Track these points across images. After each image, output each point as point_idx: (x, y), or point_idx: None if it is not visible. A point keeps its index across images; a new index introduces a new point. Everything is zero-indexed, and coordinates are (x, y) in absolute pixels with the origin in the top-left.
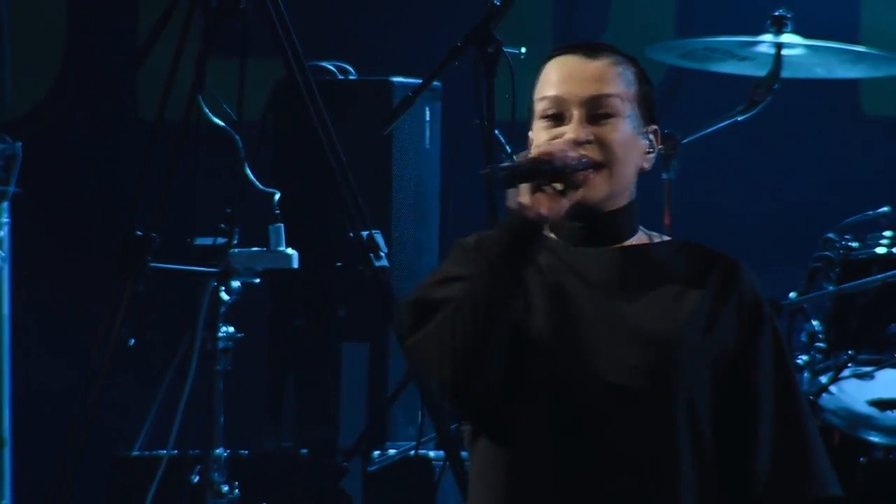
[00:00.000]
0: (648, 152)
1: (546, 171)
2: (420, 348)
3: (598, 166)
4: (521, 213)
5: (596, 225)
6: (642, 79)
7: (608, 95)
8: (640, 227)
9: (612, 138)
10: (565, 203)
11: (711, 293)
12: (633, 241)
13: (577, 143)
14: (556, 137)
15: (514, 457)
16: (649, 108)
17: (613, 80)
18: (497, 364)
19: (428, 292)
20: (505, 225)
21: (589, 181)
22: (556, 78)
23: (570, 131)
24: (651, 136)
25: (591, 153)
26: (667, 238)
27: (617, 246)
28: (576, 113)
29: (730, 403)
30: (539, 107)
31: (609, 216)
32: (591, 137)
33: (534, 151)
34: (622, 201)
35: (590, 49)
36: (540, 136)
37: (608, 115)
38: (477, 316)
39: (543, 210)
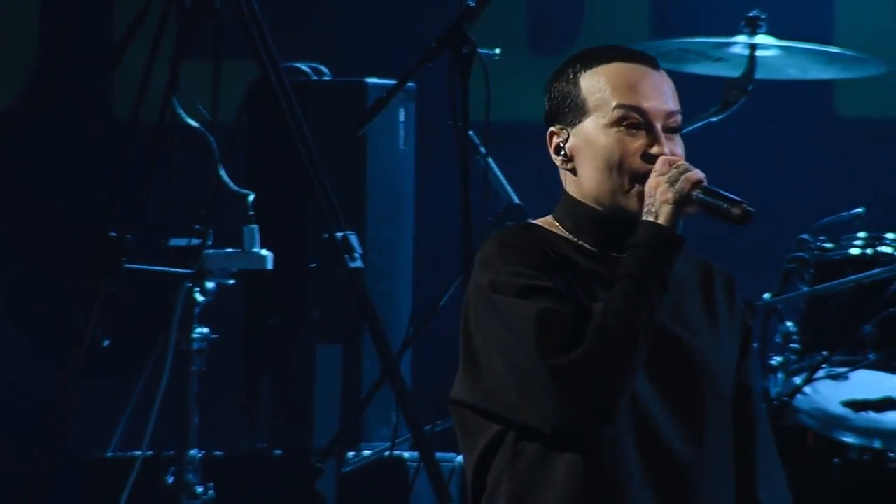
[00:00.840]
0: None
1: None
2: (578, 369)
3: None
4: (664, 231)
5: (621, 237)
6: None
7: (678, 112)
8: None
9: (680, 153)
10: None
11: (724, 309)
12: None
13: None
14: (643, 149)
15: (591, 474)
16: None
17: (675, 93)
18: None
19: (534, 303)
20: (649, 244)
21: None
22: (637, 88)
23: (662, 148)
24: None
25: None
26: None
27: None
28: (658, 127)
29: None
30: (616, 114)
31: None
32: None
33: (664, 170)
34: None
35: (651, 60)
36: (621, 146)
37: (676, 131)
38: (636, 334)
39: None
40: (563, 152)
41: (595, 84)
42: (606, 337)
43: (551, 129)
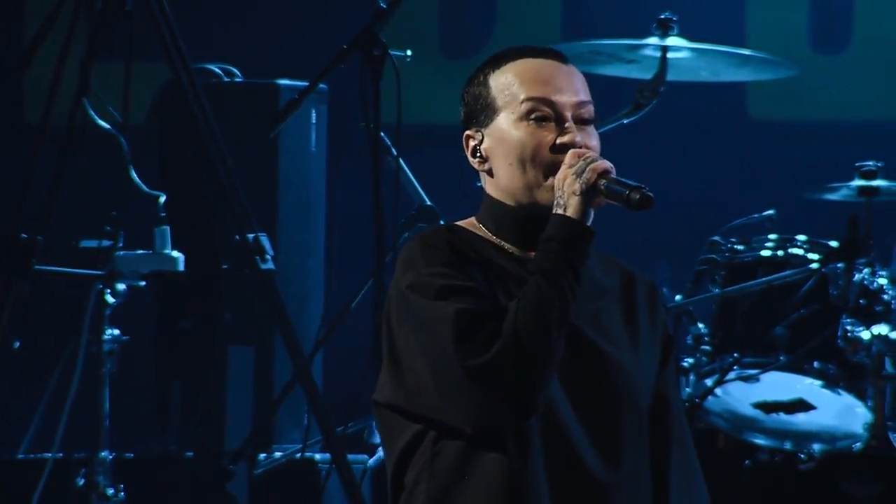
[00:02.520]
0: None
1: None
2: (495, 367)
3: None
4: (573, 223)
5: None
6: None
7: (589, 102)
8: None
9: (594, 144)
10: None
11: (645, 320)
12: None
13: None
14: (553, 141)
15: (512, 475)
16: None
17: (586, 85)
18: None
19: (451, 304)
20: (559, 237)
21: None
22: (544, 81)
23: (572, 138)
24: None
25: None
26: None
27: None
28: (569, 118)
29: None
30: (524, 107)
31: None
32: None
33: (573, 162)
34: None
35: (559, 54)
36: (532, 139)
37: (589, 122)
38: (549, 328)
39: (587, 221)
40: (478, 154)
41: (504, 81)
42: (521, 334)
43: (466, 132)
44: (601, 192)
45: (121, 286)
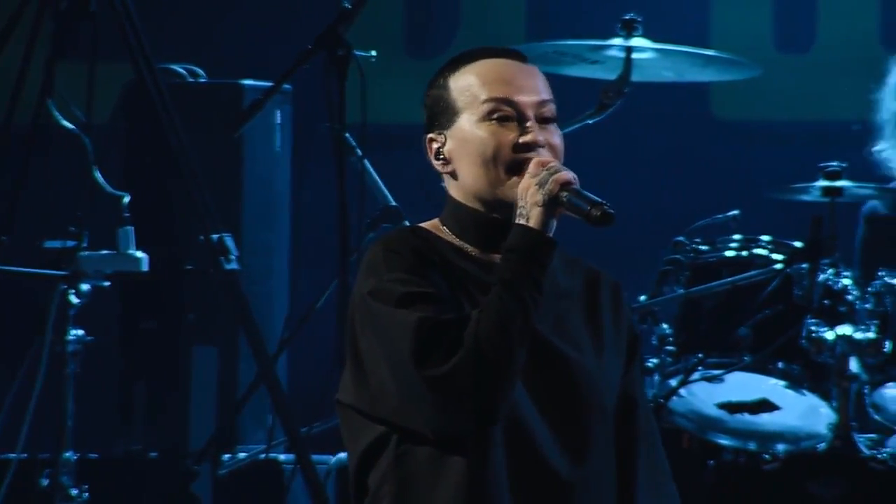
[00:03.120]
0: None
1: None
2: (455, 378)
3: None
4: (535, 234)
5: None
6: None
7: (551, 101)
8: None
9: (556, 143)
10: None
11: (609, 321)
12: None
13: (542, 147)
14: (515, 141)
15: (474, 475)
16: None
17: (547, 84)
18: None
19: (412, 313)
20: (520, 247)
21: None
22: (505, 81)
23: (534, 137)
24: None
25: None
26: None
27: None
28: (531, 117)
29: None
30: (485, 108)
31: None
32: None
33: (563, 175)
34: None
35: (519, 54)
36: (494, 139)
37: (550, 121)
38: (510, 339)
39: (549, 231)
40: (441, 156)
41: (464, 83)
42: (482, 345)
43: (429, 135)
44: (562, 205)
45: (85, 286)
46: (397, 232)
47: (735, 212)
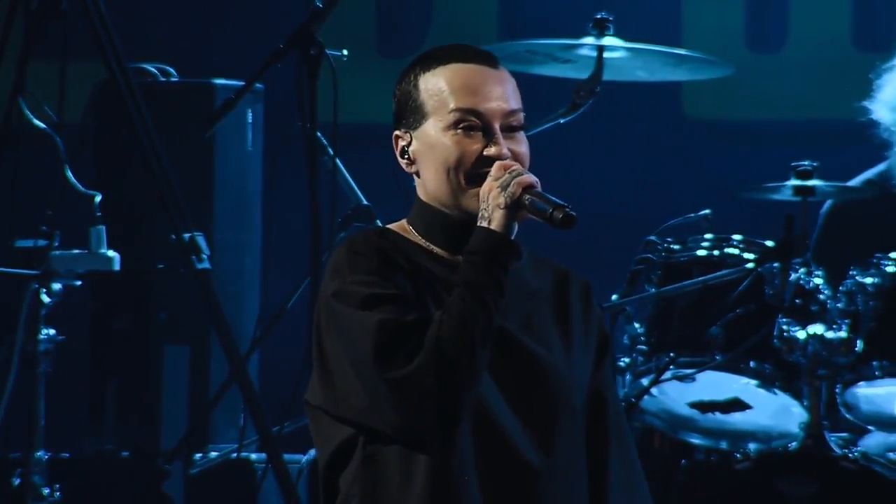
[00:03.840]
0: None
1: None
2: (417, 380)
3: None
4: (497, 237)
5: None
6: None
7: (518, 110)
8: None
9: (522, 151)
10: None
11: (578, 320)
12: None
13: (505, 159)
14: (474, 153)
15: (441, 472)
16: None
17: (517, 92)
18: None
19: (374, 315)
20: (482, 250)
21: None
22: (473, 90)
23: (498, 149)
24: None
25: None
26: None
27: None
28: (496, 128)
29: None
30: (452, 117)
31: None
32: (510, 154)
33: (525, 178)
34: None
35: (490, 58)
36: (459, 149)
37: (517, 129)
38: (472, 341)
39: (511, 234)
40: (406, 155)
41: (433, 86)
42: (443, 347)
43: (396, 132)
44: (525, 207)
45: (56, 286)
46: (363, 233)
47: (706, 211)
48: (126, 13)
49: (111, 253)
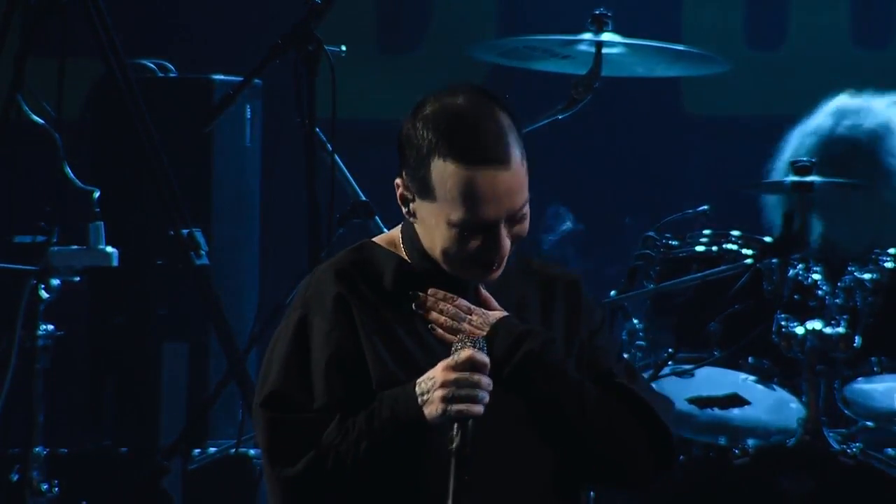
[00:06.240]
0: None
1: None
2: (281, 486)
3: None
4: (419, 421)
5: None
6: (517, 124)
7: (525, 202)
8: None
9: (525, 231)
10: None
11: (563, 323)
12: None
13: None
14: (471, 250)
15: None
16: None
17: (524, 179)
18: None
19: (287, 382)
20: (400, 419)
21: (494, 272)
22: (482, 201)
23: (496, 252)
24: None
25: (506, 254)
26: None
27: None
28: (501, 228)
29: None
30: (456, 222)
31: None
32: (509, 244)
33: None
34: None
35: (498, 150)
36: (451, 246)
37: (524, 214)
38: (348, 477)
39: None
40: (407, 205)
41: (442, 178)
42: (319, 467)
43: (399, 179)
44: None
45: (55, 282)
46: (332, 263)
47: (705, 207)
48: (124, 9)
49: (110, 249)
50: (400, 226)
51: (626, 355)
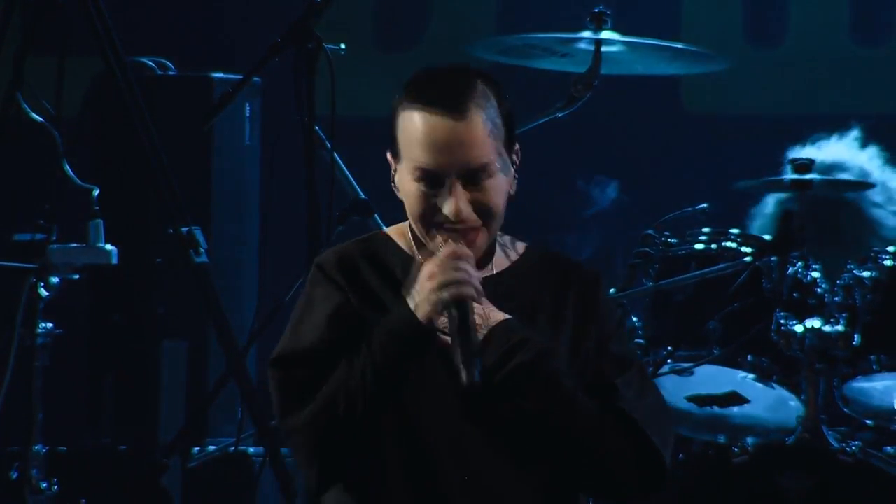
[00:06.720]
0: (515, 177)
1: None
2: (296, 435)
3: (475, 229)
4: (414, 324)
5: None
6: (502, 103)
7: (484, 164)
8: (497, 241)
9: (490, 200)
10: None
11: (571, 322)
12: (493, 265)
13: (462, 218)
14: (434, 206)
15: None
16: (511, 133)
17: (485, 141)
18: (366, 441)
19: (296, 355)
20: (393, 333)
21: (471, 244)
22: (428, 144)
23: (451, 207)
24: (515, 157)
25: (472, 220)
26: (521, 246)
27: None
28: (454, 182)
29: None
30: (410, 165)
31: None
32: (470, 207)
33: (452, 292)
34: (494, 237)
35: (454, 102)
36: (419, 202)
37: (484, 178)
38: (359, 415)
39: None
40: (393, 183)
41: (404, 129)
42: (329, 408)
43: (388, 153)
44: (448, 317)
45: (54, 280)
46: (338, 250)
47: (704, 205)
48: (123, 7)
49: (109, 247)
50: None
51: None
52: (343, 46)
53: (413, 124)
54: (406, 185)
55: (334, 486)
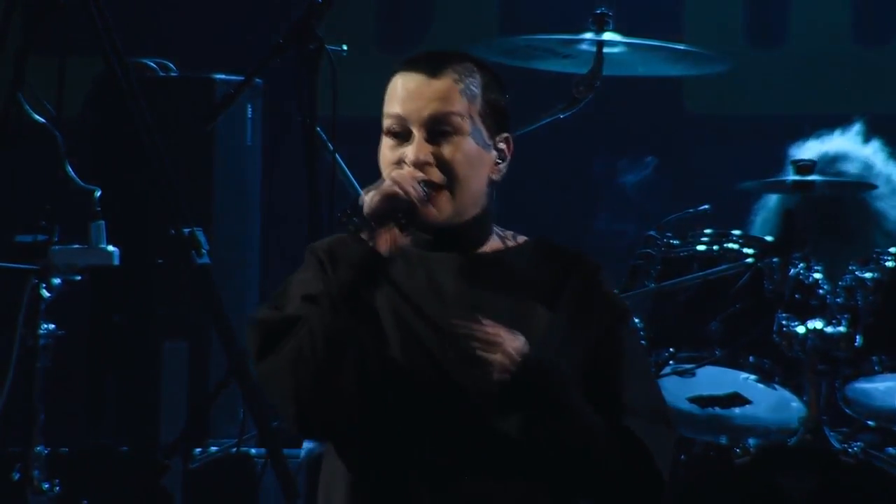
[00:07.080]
0: (498, 163)
1: (396, 213)
2: (267, 379)
3: (438, 188)
4: (365, 249)
5: (443, 237)
6: (491, 88)
7: (448, 114)
8: (495, 230)
9: (453, 158)
10: (406, 238)
11: (568, 307)
12: (487, 247)
13: (418, 165)
14: (399, 157)
15: (365, 474)
16: (498, 118)
17: (454, 97)
18: (346, 393)
19: (274, 312)
20: (347, 260)
21: (433, 202)
22: (400, 95)
23: (409, 153)
24: (502, 146)
25: (432, 174)
26: (522, 238)
27: (473, 252)
28: (417, 133)
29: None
30: (384, 123)
31: (456, 229)
32: (431, 158)
33: (382, 187)
34: (470, 214)
35: (433, 65)
36: (385, 154)
37: (449, 134)
38: (323, 352)
39: (386, 246)
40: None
41: (386, 94)
42: (298, 349)
43: None
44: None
45: (56, 280)
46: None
47: (706, 206)
48: (125, 7)
49: (111, 248)
50: None
51: None
52: (345, 47)
53: (392, 85)
54: (381, 146)
55: (316, 435)
